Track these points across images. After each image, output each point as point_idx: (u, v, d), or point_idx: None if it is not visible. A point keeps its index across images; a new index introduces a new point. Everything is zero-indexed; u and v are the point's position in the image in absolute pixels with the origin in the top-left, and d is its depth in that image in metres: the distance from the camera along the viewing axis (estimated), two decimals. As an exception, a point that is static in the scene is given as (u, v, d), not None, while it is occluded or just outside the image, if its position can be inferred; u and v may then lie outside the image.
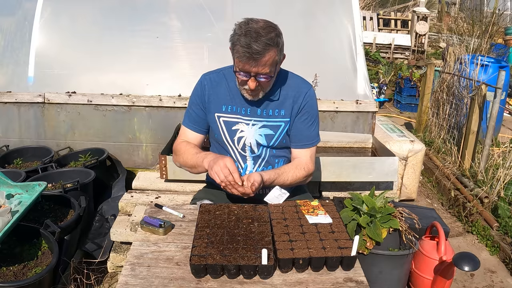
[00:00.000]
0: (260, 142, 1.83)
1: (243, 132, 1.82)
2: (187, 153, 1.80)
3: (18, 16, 3.23)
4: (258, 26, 1.59)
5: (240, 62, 1.60)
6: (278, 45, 1.62)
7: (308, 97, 1.82)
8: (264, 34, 1.57)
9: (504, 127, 5.42)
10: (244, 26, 1.59)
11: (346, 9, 3.31)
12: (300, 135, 1.85)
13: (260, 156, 1.86)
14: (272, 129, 1.82)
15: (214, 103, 1.82)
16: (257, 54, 1.56)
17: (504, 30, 8.32)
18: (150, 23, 3.24)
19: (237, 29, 1.61)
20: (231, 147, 1.86)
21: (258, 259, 1.32)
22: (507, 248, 2.86)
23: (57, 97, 3.11)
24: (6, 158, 3.02)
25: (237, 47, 1.58)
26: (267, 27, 1.60)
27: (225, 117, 1.82)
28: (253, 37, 1.55)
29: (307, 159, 1.86)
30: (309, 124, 1.85)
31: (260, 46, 1.55)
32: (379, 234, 1.82)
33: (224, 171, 1.60)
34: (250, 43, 1.55)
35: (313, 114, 1.85)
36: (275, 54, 1.62)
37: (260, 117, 1.81)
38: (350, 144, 3.16)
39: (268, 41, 1.57)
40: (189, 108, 1.88)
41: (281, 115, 1.81)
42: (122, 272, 1.35)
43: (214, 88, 1.82)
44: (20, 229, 2.04)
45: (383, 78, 6.83)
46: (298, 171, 1.82)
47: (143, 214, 1.64)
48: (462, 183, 3.64)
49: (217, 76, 1.84)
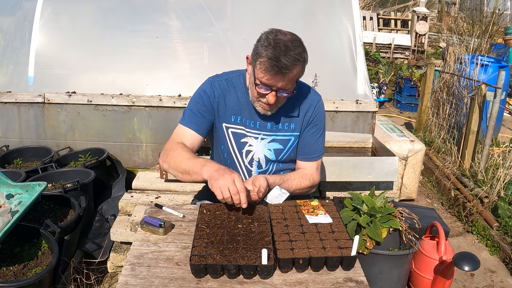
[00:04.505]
0: (268, 157, 1.78)
1: (252, 146, 1.76)
2: (181, 155, 1.63)
3: (18, 16, 3.24)
4: (287, 39, 1.50)
5: (265, 74, 1.51)
6: (305, 62, 1.55)
7: (318, 108, 1.78)
8: (293, 48, 1.49)
9: (504, 127, 5.43)
10: (272, 37, 1.50)
11: (346, 9, 3.32)
12: (308, 148, 1.81)
13: (266, 171, 1.81)
14: (281, 144, 1.78)
15: (222, 112, 1.74)
16: (285, 68, 1.48)
17: (504, 30, 8.32)
18: (150, 23, 3.24)
19: (263, 39, 1.52)
20: (237, 159, 1.79)
21: (258, 259, 1.31)
22: (507, 248, 2.86)
23: (57, 97, 3.11)
24: (6, 158, 3.03)
25: (263, 58, 1.50)
26: (295, 40, 1.52)
27: (234, 128, 1.75)
28: (282, 50, 1.47)
29: (313, 171, 1.83)
30: (317, 137, 1.81)
31: (289, 61, 1.48)
32: (379, 234, 1.82)
33: (231, 188, 1.43)
34: (279, 56, 1.47)
35: (321, 126, 1.81)
36: (301, 70, 1.55)
37: (270, 131, 1.75)
38: (350, 144, 3.16)
39: (297, 56, 1.49)
40: (191, 107, 1.75)
41: (291, 128, 1.77)
42: (122, 272, 1.35)
43: (223, 96, 1.74)
44: (20, 229, 2.04)
45: (383, 78, 6.83)
46: (303, 181, 1.78)
47: (143, 214, 1.64)
48: (462, 183, 3.64)
49: (226, 83, 1.75)
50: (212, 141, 1.88)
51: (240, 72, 1.78)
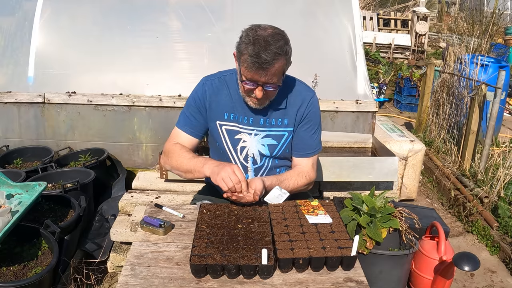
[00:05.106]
0: (263, 153, 1.79)
1: (246, 142, 1.78)
2: (182, 156, 1.71)
3: (18, 16, 3.23)
4: (266, 34, 1.51)
5: (248, 72, 1.54)
6: (287, 54, 1.56)
7: (311, 104, 1.78)
8: (273, 42, 1.50)
9: (504, 127, 5.42)
10: (252, 34, 1.52)
11: (346, 8, 3.31)
12: (303, 144, 1.82)
13: (262, 166, 1.82)
14: (275, 139, 1.79)
15: (215, 110, 1.77)
16: (266, 64, 1.50)
17: (504, 30, 8.32)
18: (150, 23, 3.24)
19: (244, 36, 1.55)
20: (233, 156, 1.81)
21: (258, 259, 1.32)
22: (507, 248, 2.86)
23: (57, 97, 3.11)
24: (6, 158, 3.02)
25: (244, 56, 1.52)
26: (275, 34, 1.53)
27: (227, 125, 1.77)
28: (262, 45, 1.49)
29: (309, 168, 1.83)
30: (312, 133, 1.82)
31: (270, 56, 1.49)
32: (379, 234, 1.82)
33: (233, 178, 1.52)
34: (259, 52, 1.49)
35: (315, 122, 1.82)
36: (284, 63, 1.56)
37: (263, 126, 1.77)
38: (350, 144, 3.16)
39: (277, 50, 1.50)
40: (185, 110, 1.81)
41: (284, 124, 1.78)
42: (122, 272, 1.35)
43: (215, 95, 1.76)
44: (20, 229, 2.03)
45: (383, 78, 6.83)
46: (300, 179, 1.79)
47: (143, 214, 1.64)
48: (462, 183, 3.64)
49: (218, 82, 1.78)
50: (208, 139, 1.91)
51: (233, 70, 1.79)
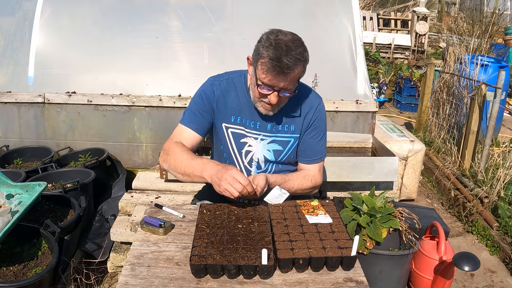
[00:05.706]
0: (268, 158, 1.78)
1: (251, 146, 1.77)
2: (181, 156, 1.64)
3: (18, 16, 3.23)
4: (287, 39, 1.51)
5: (266, 75, 1.52)
6: (306, 61, 1.55)
7: (319, 111, 1.78)
8: (294, 48, 1.50)
9: (504, 127, 5.43)
10: (273, 38, 1.51)
11: (346, 9, 3.32)
12: (309, 151, 1.81)
13: (265, 171, 1.81)
14: (281, 145, 1.78)
15: (222, 112, 1.75)
16: (287, 68, 1.49)
17: (504, 30, 8.33)
18: (150, 23, 3.24)
19: (264, 40, 1.53)
20: (237, 159, 1.80)
21: (258, 259, 1.32)
22: (507, 248, 2.86)
23: (57, 97, 3.11)
24: (6, 158, 3.02)
25: (264, 59, 1.50)
26: (295, 40, 1.53)
27: (234, 128, 1.76)
28: (283, 50, 1.48)
29: (315, 172, 1.83)
30: (318, 139, 1.81)
31: (291, 61, 1.48)
32: (379, 234, 1.82)
33: (236, 186, 1.47)
34: (280, 56, 1.47)
35: (322, 129, 1.82)
36: (302, 70, 1.56)
37: (270, 132, 1.76)
38: (350, 144, 3.16)
39: (298, 55, 1.50)
40: (192, 107, 1.77)
41: (290, 130, 1.77)
42: (122, 272, 1.35)
43: (223, 97, 1.74)
44: (20, 229, 2.03)
45: (383, 78, 6.83)
46: (305, 181, 1.79)
47: (143, 214, 1.64)
48: (462, 183, 3.64)
49: (226, 84, 1.75)
50: (212, 141, 1.89)
51: (241, 72, 1.78)
